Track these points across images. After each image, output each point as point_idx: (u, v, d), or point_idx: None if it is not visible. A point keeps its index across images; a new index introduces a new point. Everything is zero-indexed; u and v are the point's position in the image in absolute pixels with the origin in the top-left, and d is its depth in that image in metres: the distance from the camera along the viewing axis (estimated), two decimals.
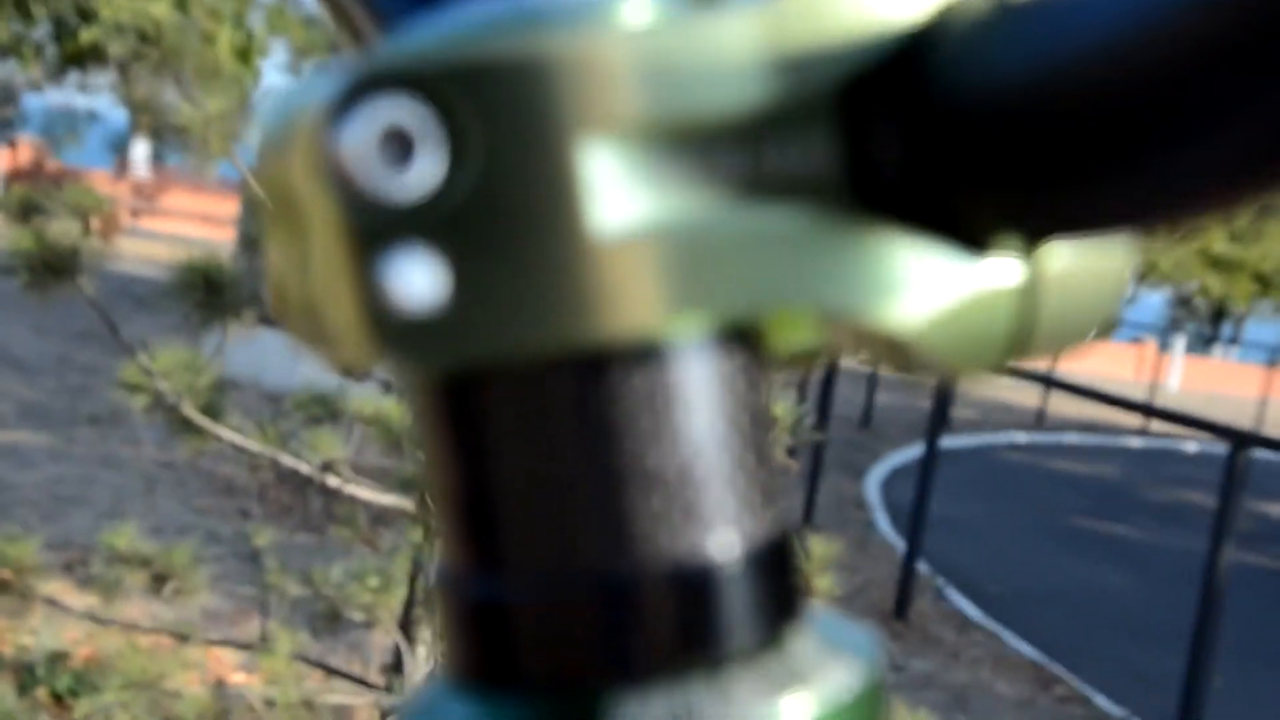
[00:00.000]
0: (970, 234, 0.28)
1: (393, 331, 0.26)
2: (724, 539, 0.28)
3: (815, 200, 0.27)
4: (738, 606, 0.28)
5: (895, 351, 0.29)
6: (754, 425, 0.29)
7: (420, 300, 0.26)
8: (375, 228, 0.26)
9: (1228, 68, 0.21)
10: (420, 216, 0.26)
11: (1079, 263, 0.29)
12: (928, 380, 0.31)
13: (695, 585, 0.27)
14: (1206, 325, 44.67)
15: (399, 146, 0.25)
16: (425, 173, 0.25)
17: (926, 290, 0.28)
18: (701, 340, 0.28)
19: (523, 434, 0.28)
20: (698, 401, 0.28)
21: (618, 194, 0.26)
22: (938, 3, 0.27)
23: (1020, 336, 0.29)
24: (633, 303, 0.26)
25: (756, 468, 0.29)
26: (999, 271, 0.28)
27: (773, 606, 0.29)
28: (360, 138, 0.25)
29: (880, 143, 0.27)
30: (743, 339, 0.28)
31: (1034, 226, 0.27)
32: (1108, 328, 0.33)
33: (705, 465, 0.28)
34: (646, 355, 0.27)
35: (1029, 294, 0.29)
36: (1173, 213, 0.25)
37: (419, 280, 0.26)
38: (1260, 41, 0.21)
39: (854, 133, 0.27)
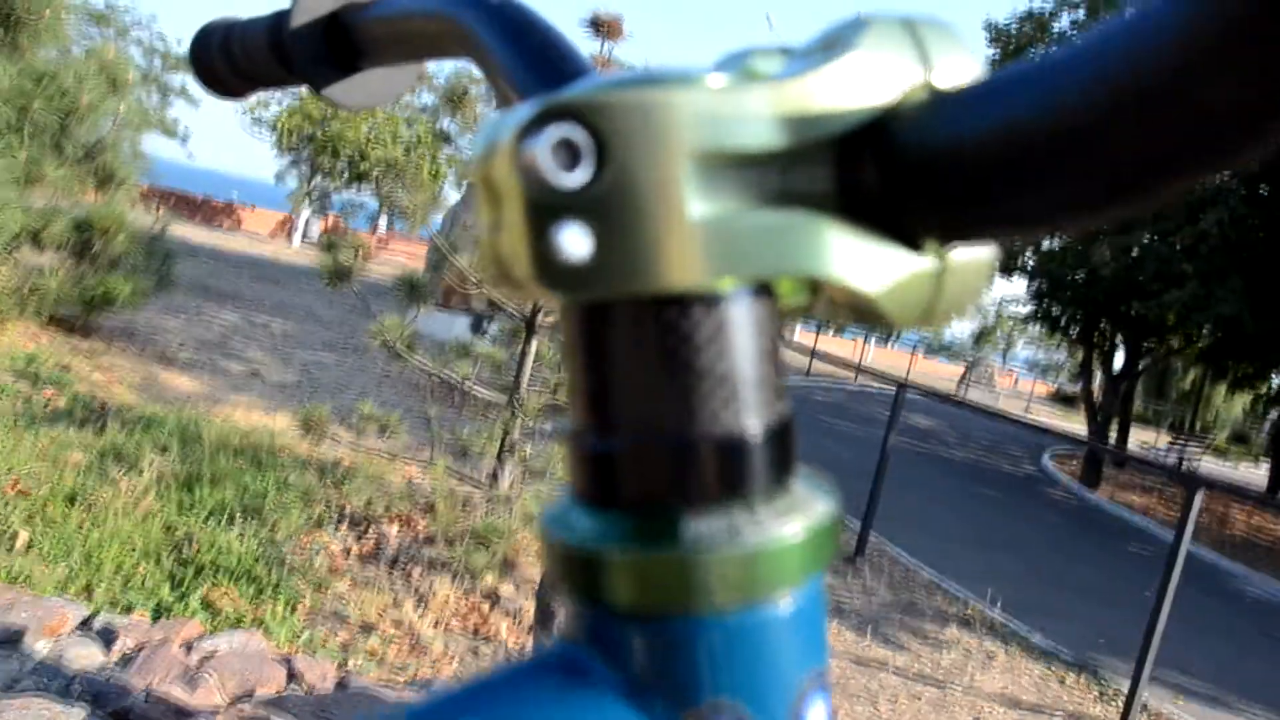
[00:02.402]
0: (911, 237, 0.25)
1: (554, 274, 0.23)
2: (752, 420, 0.25)
3: (818, 207, 0.24)
4: (760, 463, 0.25)
5: (860, 309, 0.25)
6: (771, 348, 0.25)
7: (572, 255, 0.23)
8: (547, 206, 0.23)
9: (1050, 151, 0.20)
10: (575, 201, 0.22)
11: (968, 258, 0.26)
12: (879, 328, 0.25)
13: (735, 448, 0.24)
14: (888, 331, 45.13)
15: (566, 154, 0.22)
16: (580, 173, 0.22)
17: (883, 270, 0.25)
18: (740, 292, 0.24)
19: (631, 343, 0.25)
20: (736, 330, 0.24)
21: (695, 195, 0.23)
22: (899, 91, 0.24)
23: (935, 303, 0.26)
24: (700, 265, 0.23)
25: (773, 375, 0.25)
26: (926, 262, 0.25)
27: (781, 464, 0.25)
28: (542, 146, 0.22)
29: (861, 176, 0.24)
30: (766, 293, 0.25)
31: (946, 236, 0.25)
32: (979, 303, 0.28)
33: (741, 371, 0.25)
34: (706, 299, 0.24)
35: (942, 277, 0.25)
36: (1026, 231, 0.23)
37: (572, 241, 0.23)
38: (1069, 138, 0.20)
39: (846, 168, 0.24)
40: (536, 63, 0.39)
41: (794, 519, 0.24)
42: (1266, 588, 9.56)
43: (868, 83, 0.24)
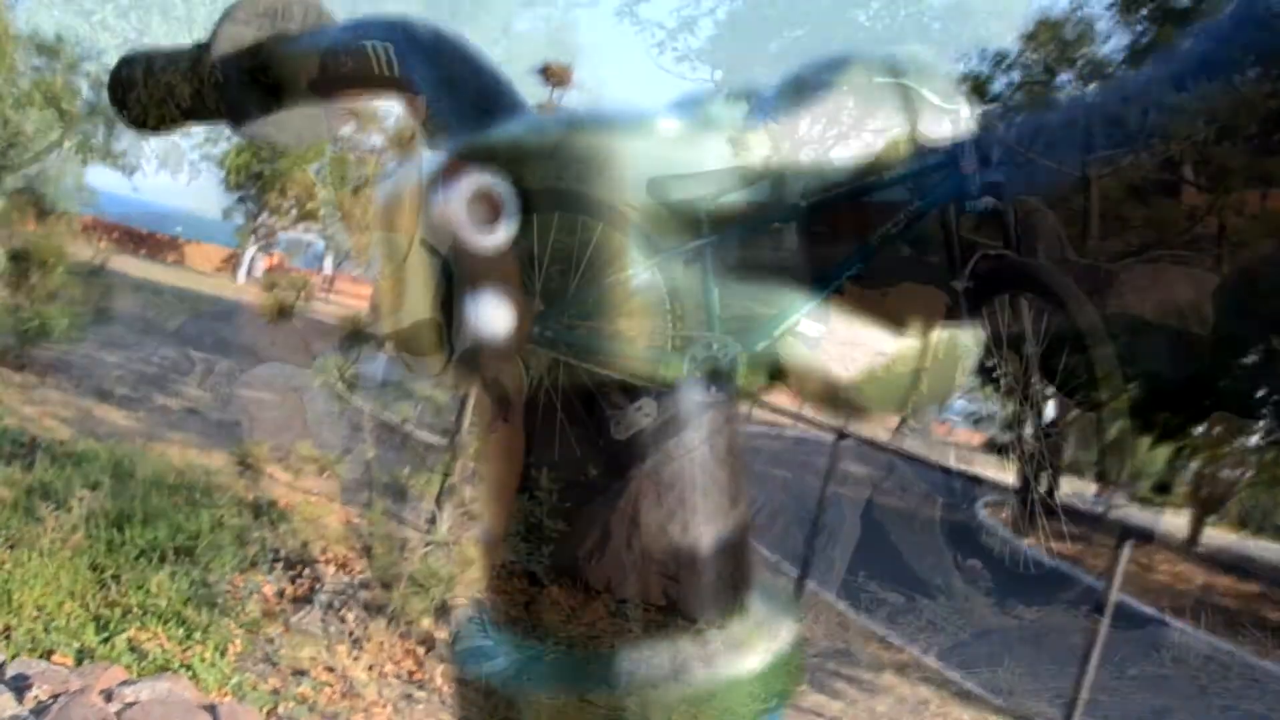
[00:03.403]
0: (892, 315, 0.21)
1: (468, 353, 0.18)
2: (703, 532, 0.20)
3: (788, 278, 0.20)
4: (711, 585, 0.21)
5: (834, 396, 0.21)
6: (728, 447, 0.21)
7: (494, 331, 0.18)
8: (461, 269, 0.18)
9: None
10: (493, 264, 0.17)
11: (954, 340, 0.21)
12: (850, 418, 0.21)
13: (681, 567, 0.20)
14: None
15: (483, 206, 0.18)
16: (502, 231, 0.18)
17: (862, 352, 0.20)
18: (692, 379, 0.20)
19: (561, 444, 0.20)
20: (687, 424, 0.20)
21: (633, 258, 0.19)
22: (880, 147, 0.20)
23: (913, 392, 0.22)
24: (646, 346, 0.19)
25: (729, 482, 0.21)
26: (908, 343, 0.21)
27: (736, 586, 0.21)
28: (454, 198, 0.18)
29: (836, 241, 0.20)
30: (723, 379, 0.21)
31: (929, 312, 0.21)
32: (954, 395, 0.24)
33: (695, 479, 0.20)
34: (652, 390, 0.19)
35: (924, 360, 0.21)
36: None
37: (492, 313, 0.18)
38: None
39: (816, 237, 0.20)
40: (466, 100, 0.35)
41: (752, 648, 0.20)
42: (1189, 634, 9.73)
43: (843, 134, 0.20)
